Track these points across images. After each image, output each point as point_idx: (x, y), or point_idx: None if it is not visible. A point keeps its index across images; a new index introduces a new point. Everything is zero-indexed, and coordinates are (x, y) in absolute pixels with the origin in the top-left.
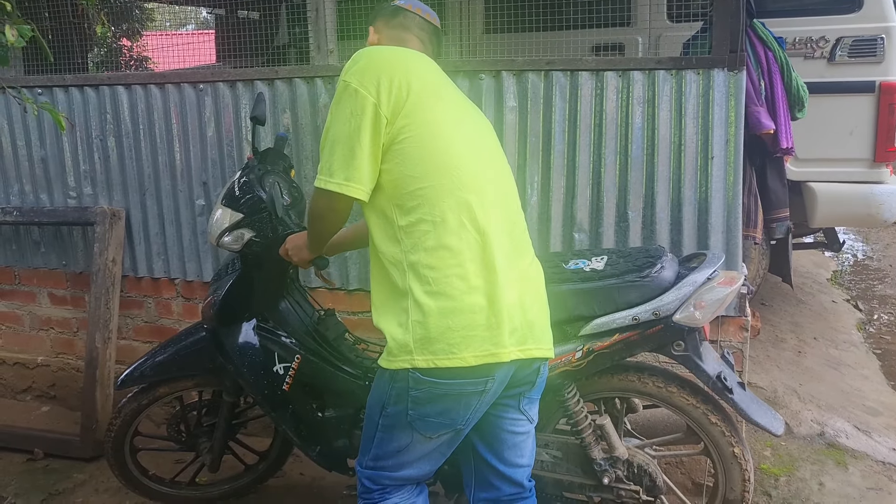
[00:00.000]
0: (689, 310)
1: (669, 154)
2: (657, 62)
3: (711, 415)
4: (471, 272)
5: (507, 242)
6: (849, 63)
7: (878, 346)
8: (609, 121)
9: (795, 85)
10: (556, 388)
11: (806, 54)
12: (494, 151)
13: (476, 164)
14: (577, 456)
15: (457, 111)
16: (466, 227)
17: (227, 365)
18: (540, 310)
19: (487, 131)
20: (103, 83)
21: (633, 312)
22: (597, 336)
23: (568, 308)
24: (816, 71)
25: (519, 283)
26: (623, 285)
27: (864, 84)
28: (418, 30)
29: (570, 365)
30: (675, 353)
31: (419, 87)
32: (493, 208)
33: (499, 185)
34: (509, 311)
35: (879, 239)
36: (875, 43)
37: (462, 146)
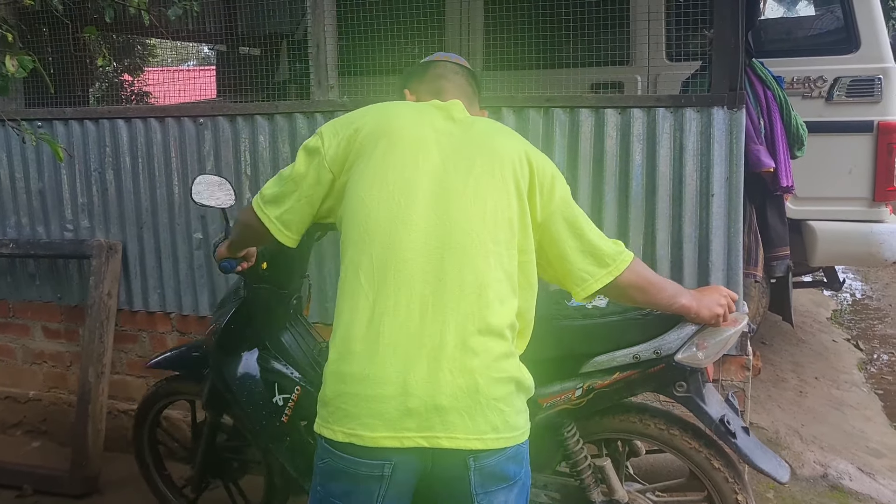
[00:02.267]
0: (691, 350)
1: (669, 191)
2: (657, 100)
3: (714, 460)
4: (357, 336)
5: (418, 308)
6: (847, 103)
7: (880, 386)
8: (609, 158)
9: (795, 123)
10: (555, 427)
11: (804, 94)
12: (458, 205)
13: (399, 213)
14: (575, 498)
15: (411, 158)
16: (362, 284)
17: (226, 393)
18: (468, 394)
19: (467, 181)
20: (103, 116)
21: (634, 351)
22: (597, 374)
23: (568, 345)
24: (815, 110)
25: (433, 359)
26: (624, 323)
27: (863, 124)
28: (453, 74)
29: (569, 403)
30: (676, 393)
31: (366, 137)
32: (407, 267)
33: (436, 240)
34: (403, 388)
35: (879, 278)
36: (873, 83)
37: (384, 197)
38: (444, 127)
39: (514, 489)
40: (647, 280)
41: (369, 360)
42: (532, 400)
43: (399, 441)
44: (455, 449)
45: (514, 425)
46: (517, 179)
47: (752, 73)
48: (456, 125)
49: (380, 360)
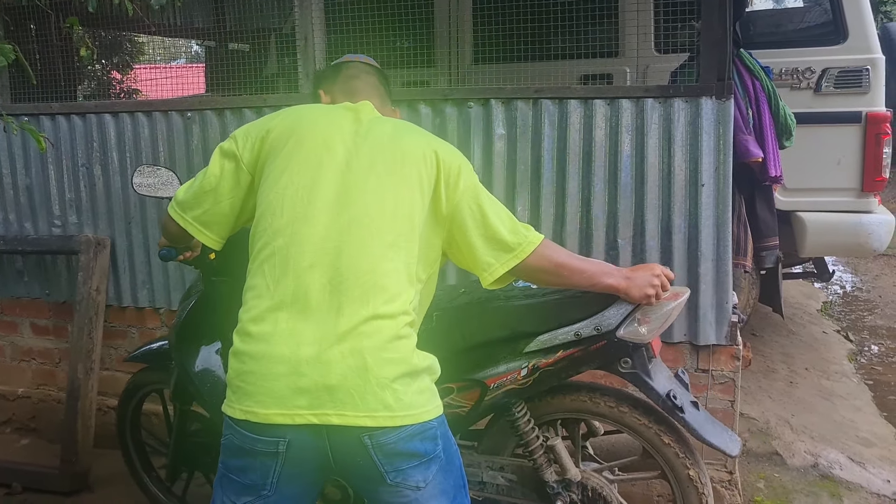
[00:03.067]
0: (633, 325)
1: (658, 182)
2: (645, 90)
3: (665, 435)
4: (256, 320)
5: (315, 296)
6: (835, 94)
7: (870, 376)
8: (598, 148)
9: (783, 113)
10: (504, 408)
11: (793, 85)
12: (359, 201)
13: (305, 211)
14: (530, 479)
15: (315, 157)
16: (265, 274)
17: (189, 386)
18: (358, 373)
19: (368, 179)
20: (90, 111)
21: (575, 328)
22: (541, 353)
23: (512, 325)
24: (803, 101)
25: (325, 341)
26: (564, 301)
27: (851, 114)
28: (365, 75)
29: (515, 383)
30: (622, 369)
31: (276, 138)
32: (307, 256)
33: (336, 233)
34: (295, 367)
35: (868, 270)
36: (861, 74)
37: (288, 194)
38: (352, 128)
39: (431, 465)
40: (557, 262)
41: (266, 342)
42: (479, 380)
43: (291, 418)
44: (346, 426)
45: (410, 404)
46: (421, 176)
47: (740, 64)
48: (363, 126)
49: (275, 340)
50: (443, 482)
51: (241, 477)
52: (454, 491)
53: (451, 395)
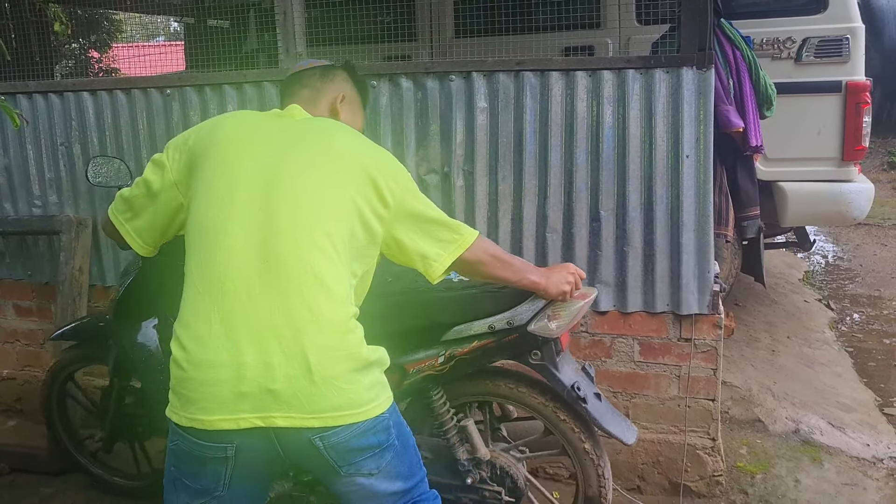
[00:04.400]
0: (543, 320)
1: (640, 153)
2: (627, 61)
3: (560, 412)
4: (191, 325)
5: (246, 295)
6: (815, 63)
7: (850, 344)
8: (580, 120)
9: (763, 83)
10: (422, 391)
11: (773, 55)
12: (284, 199)
13: (227, 210)
14: (444, 457)
15: (235, 156)
16: (195, 280)
17: (127, 361)
18: (304, 375)
19: (295, 177)
20: (68, 89)
21: (489, 321)
22: (456, 342)
23: (431, 315)
24: (784, 71)
25: (263, 343)
26: (481, 295)
27: (831, 84)
28: (305, 81)
29: (433, 369)
30: (532, 361)
31: (196, 146)
32: (236, 258)
33: (261, 235)
34: (237, 372)
35: (850, 240)
36: (841, 43)
37: (210, 199)
38: (274, 130)
39: (385, 454)
40: (492, 254)
41: (203, 347)
42: (400, 365)
43: (236, 423)
44: (293, 428)
45: (359, 401)
46: (353, 182)
47: (721, 34)
48: (287, 127)
49: (213, 345)
50: (398, 465)
51: (193, 482)
52: (409, 470)
53: None
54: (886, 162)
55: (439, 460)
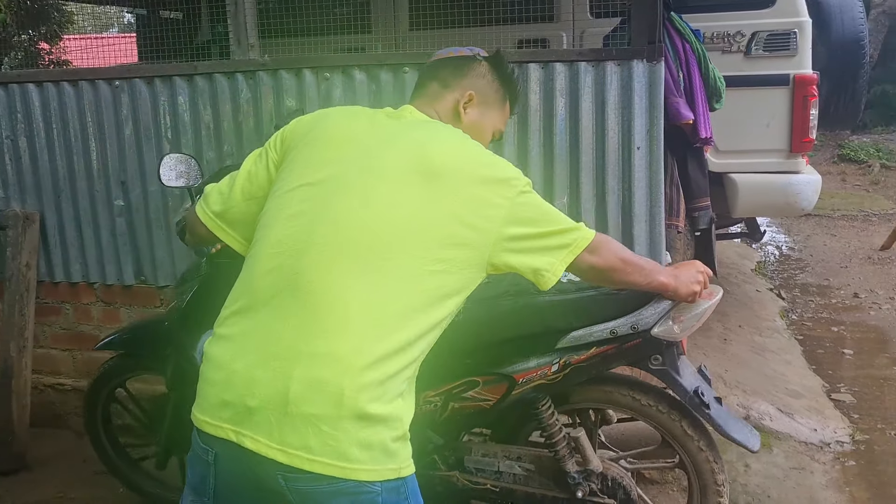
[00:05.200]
0: (667, 324)
1: (593, 145)
2: (578, 54)
3: (681, 420)
4: (222, 319)
5: (270, 304)
6: (764, 57)
7: (800, 332)
8: (533, 112)
9: (713, 76)
10: (530, 402)
11: (723, 48)
12: (374, 202)
13: (286, 209)
14: (549, 469)
15: (318, 155)
16: (245, 276)
17: (188, 370)
18: (279, 402)
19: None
20: (12, 81)
21: (611, 326)
22: (573, 349)
23: (545, 320)
24: (734, 65)
25: (260, 356)
26: (600, 298)
27: (779, 77)
28: (428, 73)
29: (545, 378)
30: (652, 367)
31: (294, 134)
32: (275, 262)
33: (304, 245)
34: (227, 378)
35: (801, 230)
36: (789, 37)
37: (283, 189)
38: (375, 130)
39: None
40: (622, 260)
41: (217, 345)
42: (507, 375)
43: (215, 429)
44: (259, 454)
45: (341, 453)
46: (455, 202)
47: (671, 27)
48: (387, 130)
49: (224, 345)
50: None
51: (192, 474)
52: None
53: (476, 388)
54: (836, 154)
55: (542, 472)
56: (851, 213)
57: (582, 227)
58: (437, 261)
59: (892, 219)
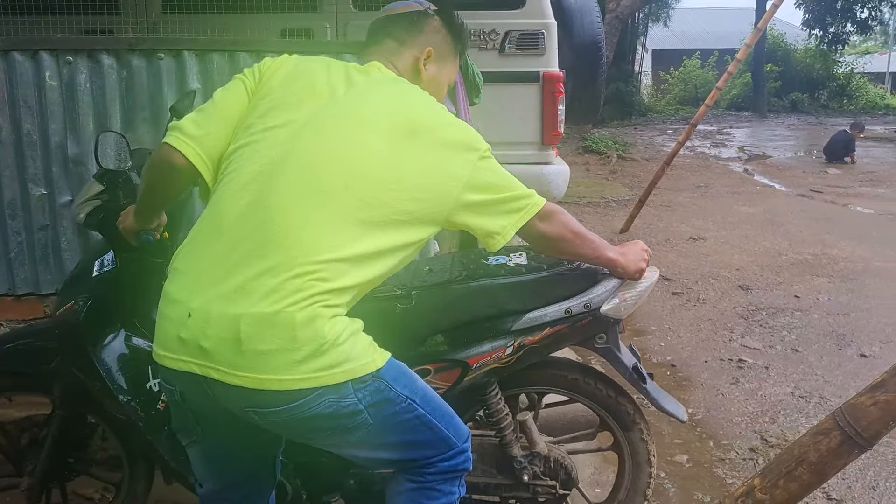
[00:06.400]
0: (614, 301)
1: None
2: (343, 46)
3: (626, 405)
4: (179, 255)
5: (230, 245)
6: (517, 55)
7: None
8: None
9: (472, 72)
10: (481, 387)
11: (480, 46)
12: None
13: (256, 159)
14: (492, 455)
15: (295, 102)
16: (212, 211)
17: (93, 383)
18: (232, 346)
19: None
20: None
21: (566, 305)
22: (527, 331)
23: (499, 303)
24: (490, 61)
25: (221, 296)
26: (554, 278)
27: (530, 74)
28: (384, 30)
29: (499, 362)
30: (597, 345)
31: (269, 77)
32: (235, 198)
33: (270, 188)
34: (181, 314)
35: None
36: (537, 37)
37: (275, 130)
38: (344, 85)
39: (349, 434)
40: (572, 232)
41: (174, 282)
42: (461, 361)
43: (177, 363)
44: (228, 384)
45: (304, 371)
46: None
47: None
48: (358, 85)
49: (181, 282)
50: (378, 438)
51: (173, 418)
52: (402, 440)
53: (428, 376)
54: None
55: (486, 459)
56: (595, 200)
57: (534, 195)
58: (401, 212)
59: (629, 204)
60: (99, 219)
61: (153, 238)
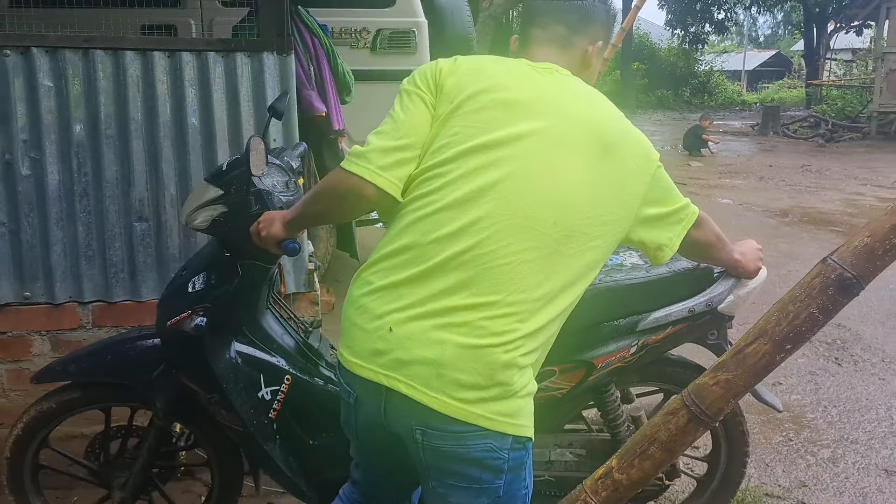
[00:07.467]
0: (730, 299)
1: (227, 137)
2: (207, 43)
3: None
4: (380, 269)
5: (435, 271)
6: (389, 53)
7: None
8: (161, 103)
9: (342, 71)
10: (602, 386)
11: (352, 44)
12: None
13: (459, 185)
14: (601, 452)
15: (494, 114)
16: (413, 230)
17: (211, 394)
18: (439, 364)
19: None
20: None
21: (689, 304)
22: (652, 330)
23: (626, 303)
24: (362, 60)
25: (427, 317)
26: (674, 277)
27: (403, 72)
28: (555, 16)
29: (622, 361)
30: (709, 342)
31: (451, 88)
32: (442, 230)
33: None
34: (381, 327)
35: None
36: (409, 35)
37: (474, 153)
38: (542, 91)
39: (481, 496)
40: (716, 236)
41: (372, 294)
42: (587, 361)
43: (365, 371)
44: (410, 398)
45: (486, 410)
46: (625, 178)
47: (299, 21)
48: (556, 90)
49: (383, 299)
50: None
51: (343, 411)
52: None
53: (552, 377)
54: None
55: (594, 456)
56: None
57: (690, 203)
58: (596, 237)
59: None
60: (228, 226)
61: (298, 246)
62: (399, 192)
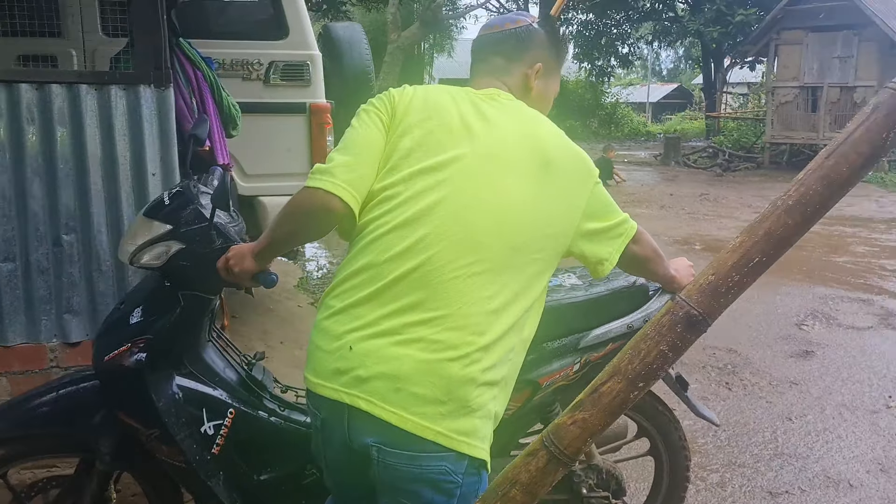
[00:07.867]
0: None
1: (101, 172)
2: (79, 76)
3: (665, 412)
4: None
5: (389, 290)
6: (282, 85)
7: None
8: (28, 137)
9: (227, 104)
10: (545, 405)
11: (243, 76)
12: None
13: (409, 205)
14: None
15: (441, 137)
16: (367, 253)
17: (152, 430)
18: (395, 379)
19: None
20: None
21: (627, 320)
22: (593, 347)
23: (568, 322)
24: (254, 92)
25: (383, 335)
26: (614, 294)
27: (297, 105)
28: (492, 49)
29: (566, 379)
30: None
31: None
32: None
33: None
34: (341, 346)
35: (340, 245)
36: (303, 68)
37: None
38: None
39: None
40: (653, 251)
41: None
42: (531, 381)
43: (329, 391)
44: (370, 414)
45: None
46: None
47: (181, 53)
48: (496, 117)
49: (343, 319)
50: None
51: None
52: None
53: None
54: None
55: None
56: None
57: (629, 218)
58: (539, 249)
59: None
60: (189, 263)
61: (276, 277)
62: (358, 208)
